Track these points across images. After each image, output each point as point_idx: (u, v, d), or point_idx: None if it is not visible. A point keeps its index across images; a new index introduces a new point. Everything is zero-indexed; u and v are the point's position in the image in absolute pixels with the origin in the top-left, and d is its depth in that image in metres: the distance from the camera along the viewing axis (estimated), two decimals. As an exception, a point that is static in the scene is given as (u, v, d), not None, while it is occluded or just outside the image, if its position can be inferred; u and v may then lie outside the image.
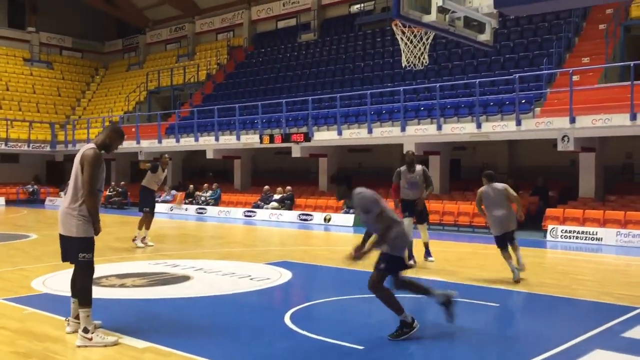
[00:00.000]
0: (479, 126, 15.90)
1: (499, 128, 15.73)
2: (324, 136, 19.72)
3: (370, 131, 18.21)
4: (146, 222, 12.03)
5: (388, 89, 19.91)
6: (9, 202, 27.29)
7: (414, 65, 9.01)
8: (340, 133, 19.00)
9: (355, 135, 18.80)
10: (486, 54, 18.88)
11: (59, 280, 8.11)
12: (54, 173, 31.65)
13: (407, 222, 9.12)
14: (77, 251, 5.17)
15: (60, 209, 5.34)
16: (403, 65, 9.38)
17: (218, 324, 5.96)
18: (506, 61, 19.05)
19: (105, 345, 4.98)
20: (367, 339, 5.37)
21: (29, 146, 29.34)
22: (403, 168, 9.60)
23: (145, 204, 12.16)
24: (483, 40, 7.23)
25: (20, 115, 30.84)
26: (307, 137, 19.70)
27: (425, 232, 10.05)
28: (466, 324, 5.83)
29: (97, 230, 5.28)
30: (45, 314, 6.12)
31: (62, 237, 5.34)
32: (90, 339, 5.00)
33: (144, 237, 11.99)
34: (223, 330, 5.73)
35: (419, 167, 9.61)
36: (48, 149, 30.18)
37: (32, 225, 17.25)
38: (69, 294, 5.56)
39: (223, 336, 5.52)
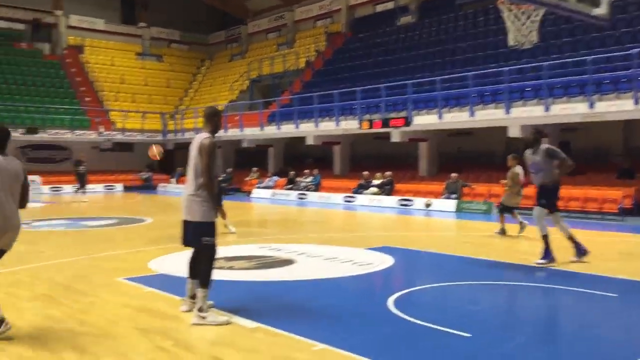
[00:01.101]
0: (591, 106, 14.99)
1: (615, 107, 14.75)
2: (424, 120, 19.41)
3: (472, 114, 17.70)
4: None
5: (491, 70, 19.20)
6: (125, 188, 29.26)
7: (522, 44, 8.61)
8: (440, 117, 18.62)
9: (457, 118, 18.35)
10: (600, 29, 17.68)
11: (172, 261, 8.59)
12: (165, 160, 33.44)
13: (536, 211, 8.36)
14: (201, 235, 5.45)
15: (184, 195, 5.63)
16: (509, 44, 8.99)
17: (322, 308, 6.08)
18: (622, 35, 17.75)
19: (218, 324, 5.23)
20: (473, 326, 5.26)
21: (142, 135, 31.22)
22: (527, 150, 8.64)
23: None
24: (598, 14, 6.78)
25: (134, 107, 32.83)
26: (407, 122, 19.47)
27: (560, 223, 8.40)
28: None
29: (214, 215, 5.55)
30: (162, 293, 6.51)
31: (186, 222, 5.62)
32: (204, 318, 5.26)
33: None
34: (327, 313, 5.84)
35: (543, 146, 8.40)
36: (160, 137, 31.92)
37: (147, 210, 18.38)
38: (183, 274, 5.88)
39: (328, 319, 5.62)
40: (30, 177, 20.53)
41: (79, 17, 35.74)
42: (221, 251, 9.52)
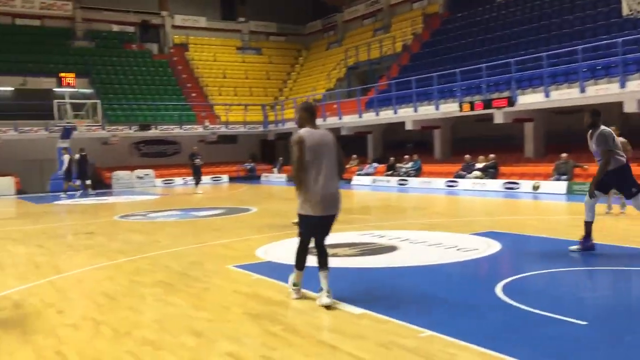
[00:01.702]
0: None
1: None
2: (529, 99, 18.57)
3: (582, 90, 16.72)
4: None
5: (603, 42, 17.98)
6: (230, 179, 30.43)
7: (638, 12, 7.98)
8: (547, 95, 17.74)
9: (565, 95, 17.41)
10: None
11: (278, 249, 8.85)
12: (267, 151, 34.46)
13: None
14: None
15: (332, 190, 5.53)
16: (623, 13, 8.37)
17: (428, 294, 6.02)
18: None
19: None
20: (589, 314, 5.02)
21: (245, 127, 32.27)
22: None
23: None
24: None
25: (236, 100, 33.97)
26: (511, 102, 18.73)
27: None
28: None
29: None
30: (270, 280, 6.72)
31: (331, 217, 5.68)
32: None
33: None
34: (433, 300, 5.77)
35: (600, 129, 7.60)
36: (261, 129, 32.86)
37: (252, 199, 19.00)
38: (289, 262, 6.03)
39: (434, 306, 5.56)
40: (144, 171, 21.84)
41: (183, 17, 37.43)
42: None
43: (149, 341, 4.72)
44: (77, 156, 23.89)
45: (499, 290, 5.85)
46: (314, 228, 5.68)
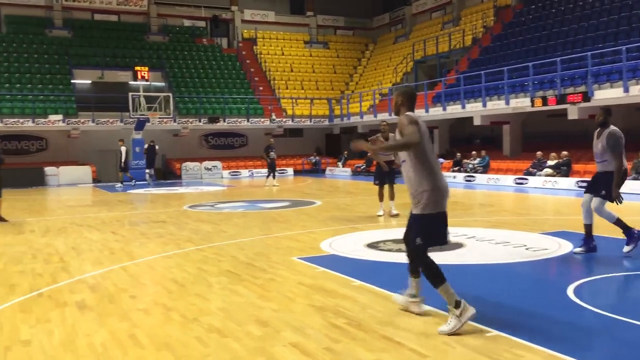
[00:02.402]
0: None
1: None
2: (607, 94, 17.76)
3: (665, 85, 15.82)
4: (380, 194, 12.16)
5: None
6: (295, 172, 30.73)
7: None
8: (627, 90, 16.91)
9: (647, 90, 16.52)
10: None
11: (342, 243, 8.88)
12: (332, 145, 34.56)
13: (595, 203, 7.42)
14: None
15: (447, 187, 4.89)
16: None
17: (495, 293, 5.88)
18: None
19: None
20: (669, 321, 4.76)
21: (310, 121, 32.47)
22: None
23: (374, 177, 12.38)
24: None
25: (302, 94, 34.22)
26: (586, 97, 17.98)
27: None
28: None
29: None
30: (334, 273, 6.75)
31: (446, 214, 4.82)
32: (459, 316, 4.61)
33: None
34: (500, 299, 5.64)
35: (610, 129, 7.22)
36: (327, 122, 32.97)
37: (316, 193, 19.13)
38: (353, 256, 6.04)
39: (501, 305, 5.43)
40: (212, 163, 22.36)
41: (252, 11, 38.00)
42: (389, 233, 9.67)
43: (216, 328, 4.85)
44: (146, 146, 24.88)
45: (570, 291, 5.65)
46: (443, 227, 4.83)
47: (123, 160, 23.83)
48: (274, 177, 22.44)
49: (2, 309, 5.63)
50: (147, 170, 25.05)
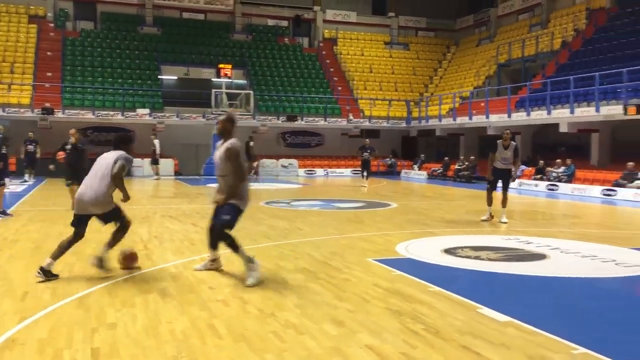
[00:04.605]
0: None
1: None
2: None
3: None
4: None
5: None
6: (370, 174, 30.51)
7: None
8: None
9: None
10: None
11: (418, 246, 8.73)
12: (408, 147, 34.17)
13: None
14: None
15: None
16: None
17: (582, 308, 5.60)
18: None
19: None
20: None
21: (388, 122, 32.24)
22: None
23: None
24: None
25: (381, 95, 34.03)
26: (686, 106, 16.84)
27: None
28: None
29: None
30: (410, 277, 6.63)
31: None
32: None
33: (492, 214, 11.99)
34: (588, 315, 5.36)
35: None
36: (404, 124, 32.63)
37: (391, 195, 18.95)
38: (431, 260, 5.91)
39: (589, 321, 5.16)
40: (288, 161, 22.77)
41: (334, 12, 38.17)
42: (467, 240, 9.42)
43: (292, 324, 4.87)
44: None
45: (666, 313, 5.28)
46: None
47: (158, 153, 24.49)
48: (366, 177, 22.51)
49: (91, 292, 5.90)
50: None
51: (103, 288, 6.03)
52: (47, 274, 6.22)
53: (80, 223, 6.48)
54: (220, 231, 6.32)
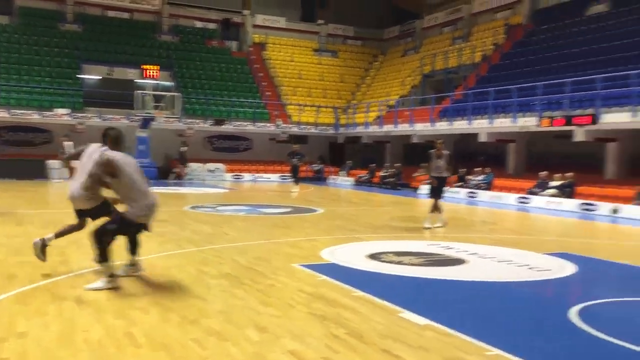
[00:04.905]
0: None
1: None
2: (614, 118, 17.73)
3: (674, 112, 15.79)
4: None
5: (700, 63, 16.98)
6: (299, 180, 30.59)
7: None
8: (635, 114, 16.87)
9: (655, 117, 16.49)
10: None
11: (343, 252, 8.82)
12: (335, 153, 34.51)
13: None
14: None
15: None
16: None
17: (496, 311, 5.83)
18: None
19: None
20: (673, 350, 4.70)
21: (316, 128, 32.46)
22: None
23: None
24: None
25: (310, 101, 34.22)
26: (594, 120, 17.94)
27: None
28: None
29: None
30: (335, 282, 6.69)
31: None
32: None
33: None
34: (502, 318, 5.59)
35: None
36: (332, 131, 32.95)
37: (319, 200, 19.07)
38: (354, 266, 6.00)
39: (503, 324, 5.38)
40: (215, 165, 22.49)
41: (263, 17, 38.06)
42: (391, 245, 9.62)
43: (215, 331, 4.80)
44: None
45: (573, 314, 5.59)
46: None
47: (66, 156, 23.91)
48: (296, 182, 22.48)
49: (0, 300, 5.58)
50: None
51: (12, 296, 5.72)
52: (43, 248, 6.70)
53: (78, 216, 6.80)
54: (95, 234, 6.09)
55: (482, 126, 22.61)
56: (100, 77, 31.29)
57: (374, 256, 8.48)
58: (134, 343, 4.47)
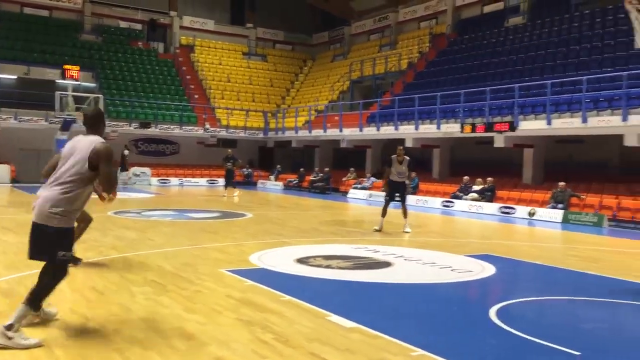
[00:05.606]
0: None
1: None
2: (531, 126, 18.62)
3: (584, 120, 16.76)
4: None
5: (608, 74, 18.10)
6: (232, 184, 30.25)
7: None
8: (549, 122, 17.78)
9: (567, 124, 17.44)
10: None
11: (272, 256, 8.79)
12: (265, 158, 34.41)
13: None
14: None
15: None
16: (636, 46, 8.40)
17: (421, 313, 5.98)
18: None
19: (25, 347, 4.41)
20: (583, 344, 4.97)
21: (245, 132, 32.23)
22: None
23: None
24: None
25: (238, 105, 33.96)
26: (512, 127, 18.76)
27: None
28: None
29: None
30: (262, 287, 6.65)
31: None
32: (10, 339, 4.43)
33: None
34: (426, 319, 5.73)
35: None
36: (261, 135, 32.83)
37: (248, 205, 18.93)
38: (283, 270, 5.99)
39: (426, 325, 5.52)
40: (141, 169, 21.96)
41: (191, 18, 37.48)
42: (319, 249, 9.67)
43: (138, 340, 4.65)
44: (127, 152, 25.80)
45: (492, 314, 5.81)
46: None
47: None
48: (225, 187, 22.79)
49: None
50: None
51: None
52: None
53: None
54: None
55: (409, 132, 23.17)
56: (17, 77, 29.77)
57: (302, 260, 8.50)
58: (51, 356, 4.27)
